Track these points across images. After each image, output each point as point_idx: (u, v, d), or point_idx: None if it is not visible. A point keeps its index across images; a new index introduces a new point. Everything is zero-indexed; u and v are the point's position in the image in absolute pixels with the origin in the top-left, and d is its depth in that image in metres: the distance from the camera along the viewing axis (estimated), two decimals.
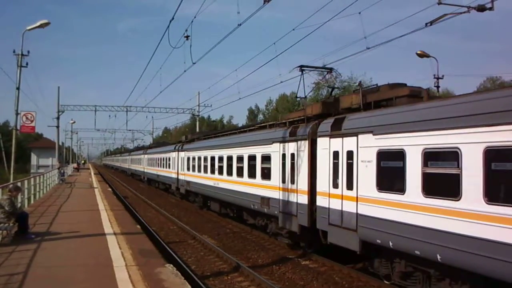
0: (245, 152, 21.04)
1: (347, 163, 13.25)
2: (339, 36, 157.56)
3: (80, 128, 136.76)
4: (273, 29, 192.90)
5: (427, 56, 32.87)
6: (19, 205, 18.90)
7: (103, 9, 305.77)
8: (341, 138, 13.59)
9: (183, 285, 9.67)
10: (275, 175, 17.81)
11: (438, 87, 36.45)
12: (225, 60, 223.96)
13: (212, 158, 26.12)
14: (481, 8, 14.50)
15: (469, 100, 9.74)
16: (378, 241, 11.77)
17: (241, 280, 13.79)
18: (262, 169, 19.15)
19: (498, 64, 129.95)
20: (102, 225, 17.47)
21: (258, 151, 19.54)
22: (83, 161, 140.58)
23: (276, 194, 17.64)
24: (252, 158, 20.25)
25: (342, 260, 14.89)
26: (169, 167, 39.66)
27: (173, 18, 17.41)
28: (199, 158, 29.29)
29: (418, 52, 32.88)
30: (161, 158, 44.63)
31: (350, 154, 13.14)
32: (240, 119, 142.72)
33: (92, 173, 71.44)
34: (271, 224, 18.78)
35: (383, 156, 11.89)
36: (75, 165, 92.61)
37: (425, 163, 10.40)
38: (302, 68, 18.39)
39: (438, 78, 35.55)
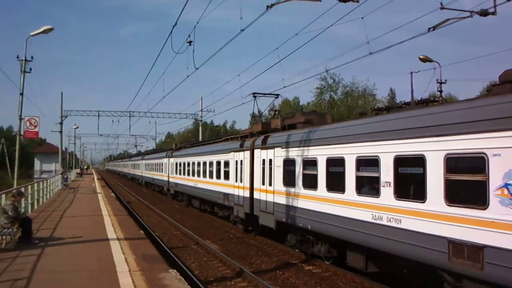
0: (214, 159, 27.10)
1: (269, 167, 19.03)
2: (342, 41, 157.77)
3: (83, 133, 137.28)
4: (276, 34, 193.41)
5: (430, 60, 32.84)
6: (22, 210, 18.94)
7: (106, 13, 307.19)
8: (266, 150, 19.36)
9: None
10: (232, 176, 23.47)
11: (441, 91, 36.47)
12: (228, 65, 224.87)
13: (193, 164, 32.06)
14: (483, 13, 14.50)
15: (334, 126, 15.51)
16: (284, 219, 17.50)
17: (245, 286, 13.77)
18: (224, 172, 24.89)
19: (501, 68, 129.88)
20: (106, 230, 17.47)
21: (222, 158, 25.55)
22: (86, 166, 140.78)
23: (232, 191, 23.29)
24: (218, 163, 26.20)
25: (346, 266, 14.86)
26: (162, 171, 45.13)
27: (176, 24, 17.45)
28: (184, 164, 35.14)
29: (421, 56, 32.86)
30: (155, 163, 50.54)
31: (270, 161, 18.94)
32: (243, 124, 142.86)
33: (95, 178, 71.54)
34: (231, 214, 24.07)
35: (286, 162, 17.56)
36: (78, 170, 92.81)
37: (304, 167, 16.18)
38: (254, 94, 24.04)
39: (441, 83, 35.57)
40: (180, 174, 36.55)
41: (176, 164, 38.16)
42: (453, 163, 9.89)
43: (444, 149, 10.04)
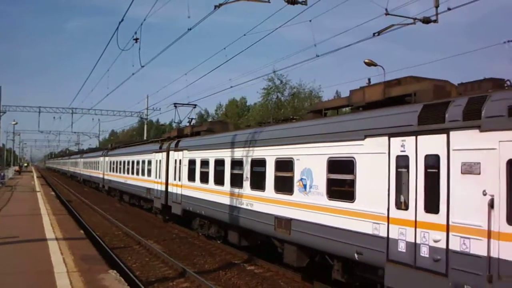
0: (140, 158, 31.09)
1: (179, 166, 22.98)
2: (290, 43, 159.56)
3: (23, 129, 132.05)
4: (224, 34, 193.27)
5: (375, 64, 33.57)
6: None
7: (51, 7, 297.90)
8: (177, 152, 23.31)
9: None
10: (153, 174, 27.37)
11: None
12: (175, 64, 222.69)
13: (124, 162, 35.90)
14: (426, 20, 14.98)
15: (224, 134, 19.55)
16: (188, 208, 21.51)
17: (187, 286, 13.72)
18: (148, 170, 28.82)
19: (443, 74, 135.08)
20: (44, 230, 17.00)
21: (146, 158, 29.48)
22: (25, 164, 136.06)
23: (153, 186, 27.21)
24: (143, 162, 30.11)
25: (288, 266, 15.07)
26: (98, 169, 48.11)
27: (122, 20, 17.21)
28: (116, 162, 38.78)
29: (366, 60, 33.59)
30: (93, 162, 54.03)
31: (180, 161, 22.87)
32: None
33: (35, 176, 69.29)
34: (153, 206, 27.58)
35: (190, 162, 21.66)
36: (17, 167, 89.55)
37: (201, 166, 20.35)
38: (175, 104, 28.86)
39: None
40: (113, 171, 40.18)
41: (110, 162, 41.71)
42: (335, 165, 11.99)
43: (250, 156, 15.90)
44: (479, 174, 8.23)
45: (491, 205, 7.96)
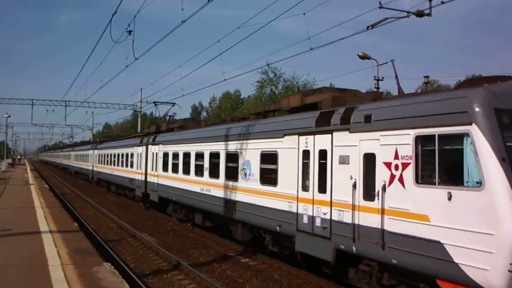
0: (124, 151, 34.21)
1: (157, 158, 25.74)
2: (284, 36, 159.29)
3: (16, 122, 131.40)
4: (218, 27, 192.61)
5: (368, 58, 33.56)
6: None
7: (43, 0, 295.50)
8: (154, 145, 26.41)
9: (120, 284, 9.54)
10: (135, 165, 30.35)
11: (378, 88, 37.51)
12: (169, 57, 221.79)
13: (110, 155, 39.22)
14: (419, 14, 14.98)
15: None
16: (163, 195, 24.51)
17: (181, 278, 13.74)
18: (130, 162, 31.85)
19: (435, 68, 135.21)
20: (38, 223, 16.96)
21: (129, 151, 32.53)
22: (19, 157, 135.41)
23: (135, 176, 30.20)
24: (127, 155, 33.07)
25: (283, 259, 15.11)
26: (88, 161, 51.66)
27: (115, 12, 17.10)
28: (104, 155, 42.14)
29: (360, 54, 33.58)
30: (83, 155, 56.77)
31: (156, 154, 25.92)
32: (184, 116, 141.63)
33: (28, 169, 69.07)
34: (135, 195, 30.33)
35: (164, 155, 24.56)
36: (10, 160, 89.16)
37: (172, 158, 23.16)
38: (155, 102, 32.81)
39: (378, 80, 36.59)
40: (101, 163, 43.64)
41: (99, 155, 45.04)
42: (266, 157, 14.76)
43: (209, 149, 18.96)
44: (348, 164, 11.06)
45: (354, 186, 10.76)
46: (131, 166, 31.40)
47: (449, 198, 8.61)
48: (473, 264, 8.12)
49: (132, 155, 31.47)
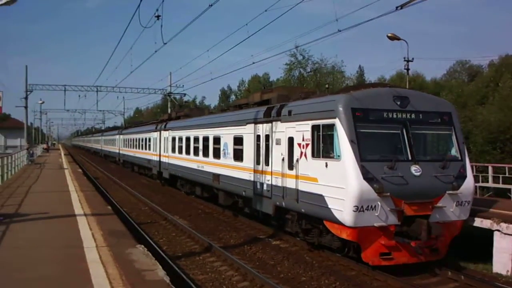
0: (143, 136, 39.66)
1: (167, 142, 30.65)
2: (312, 18, 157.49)
3: (49, 108, 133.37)
4: (245, 9, 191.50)
5: (398, 39, 33.01)
6: None
7: None
8: (165, 131, 31.41)
9: (154, 265, 9.68)
10: (152, 148, 35.53)
11: (408, 69, 36.91)
12: (197, 41, 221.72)
13: (132, 140, 45.31)
14: None
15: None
16: (173, 173, 29.41)
17: (213, 260, 13.91)
18: (148, 145, 37.05)
19: (467, 48, 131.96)
20: (72, 206, 17.28)
21: (146, 136, 38.14)
22: (53, 142, 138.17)
23: (152, 157, 35.32)
24: (145, 139, 38.58)
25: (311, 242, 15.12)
26: (115, 145, 57.79)
27: None
28: (128, 139, 48.25)
29: (389, 34, 33.01)
30: (110, 139, 63.82)
31: (166, 138, 30.98)
32: (213, 100, 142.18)
33: (62, 154, 70.44)
34: (152, 173, 35.82)
35: (173, 139, 29.30)
36: (44, 145, 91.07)
37: (178, 142, 28.05)
38: (169, 94, 45.11)
39: (408, 61, 35.96)
40: (126, 147, 49.62)
41: (124, 140, 51.11)
42: (236, 140, 19.10)
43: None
44: (280, 145, 15.30)
45: (283, 160, 15.05)
46: (149, 148, 36.61)
47: (326, 166, 12.86)
48: (336, 208, 12.30)
49: (149, 139, 36.62)
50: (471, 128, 38.50)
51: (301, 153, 13.97)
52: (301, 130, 14.05)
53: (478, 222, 13.86)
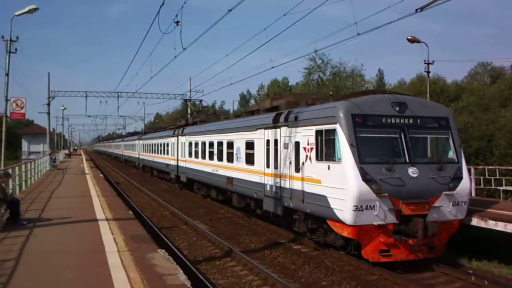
0: (160, 141, 41.12)
1: (184, 147, 31.69)
2: (330, 21, 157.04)
3: (71, 114, 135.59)
4: (264, 14, 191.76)
5: (418, 41, 32.71)
6: (10, 191, 18.81)
7: None
8: (182, 136, 32.58)
9: (175, 270, 9.71)
10: (170, 153, 36.68)
11: (428, 72, 36.53)
12: (216, 46, 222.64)
13: (151, 145, 46.75)
14: None
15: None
16: (189, 176, 30.35)
17: (234, 265, 13.91)
18: (166, 150, 38.30)
19: (489, 49, 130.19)
20: (94, 211, 17.44)
21: (164, 141, 39.44)
22: (75, 148, 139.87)
23: (170, 162, 36.38)
24: (163, 145, 39.98)
25: (333, 246, 15.02)
26: (135, 150, 59.07)
27: (163, 3, 17.29)
28: (146, 145, 49.92)
29: (409, 37, 32.74)
30: (131, 145, 65.17)
31: (184, 143, 31.90)
32: (232, 105, 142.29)
33: (84, 159, 71.22)
34: (170, 177, 36.82)
35: (189, 144, 30.34)
36: (66, 151, 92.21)
37: (195, 146, 29.03)
38: (186, 100, 47.38)
39: (428, 64, 35.60)
40: (145, 152, 51.03)
41: (143, 145, 52.71)
42: (248, 145, 19.85)
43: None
44: (287, 149, 15.97)
45: (290, 163, 15.73)
46: (167, 153, 37.73)
47: (329, 168, 13.57)
48: (337, 207, 12.97)
49: (167, 144, 37.75)
50: (493, 131, 37.86)
51: (307, 156, 14.73)
52: (306, 135, 14.86)
53: (502, 227, 13.61)
